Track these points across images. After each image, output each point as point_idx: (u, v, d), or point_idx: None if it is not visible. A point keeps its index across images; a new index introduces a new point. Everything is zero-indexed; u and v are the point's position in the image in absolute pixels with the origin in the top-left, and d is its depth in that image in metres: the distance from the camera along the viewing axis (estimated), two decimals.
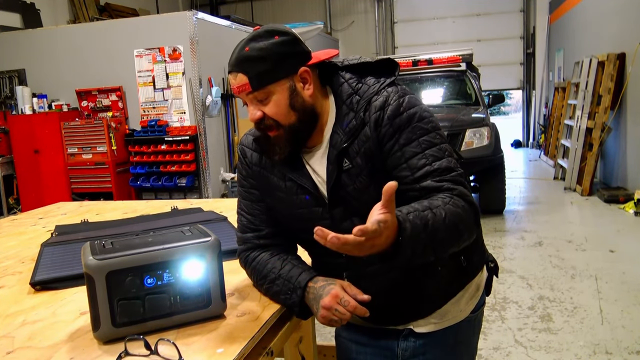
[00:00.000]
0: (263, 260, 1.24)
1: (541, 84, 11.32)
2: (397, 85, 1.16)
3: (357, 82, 1.17)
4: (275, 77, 1.09)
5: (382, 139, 1.12)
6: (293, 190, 1.19)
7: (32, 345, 1.04)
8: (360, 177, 1.13)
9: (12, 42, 6.40)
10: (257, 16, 12.65)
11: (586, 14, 8.13)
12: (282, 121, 1.12)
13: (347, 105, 1.15)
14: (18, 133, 5.98)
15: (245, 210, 1.29)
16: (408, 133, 1.11)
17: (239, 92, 1.12)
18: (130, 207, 2.40)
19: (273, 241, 1.27)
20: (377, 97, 1.13)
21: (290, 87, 1.11)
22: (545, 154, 9.76)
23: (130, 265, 1.00)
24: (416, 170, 1.09)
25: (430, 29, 12.04)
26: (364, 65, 1.20)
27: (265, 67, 1.08)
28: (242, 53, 1.10)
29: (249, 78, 1.09)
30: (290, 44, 1.11)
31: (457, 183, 1.09)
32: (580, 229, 5.22)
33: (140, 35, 5.97)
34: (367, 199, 1.09)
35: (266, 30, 1.11)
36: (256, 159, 1.26)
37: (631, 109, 6.26)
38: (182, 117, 5.97)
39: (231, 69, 1.12)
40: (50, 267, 1.45)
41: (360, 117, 1.13)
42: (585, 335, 2.96)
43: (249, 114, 1.14)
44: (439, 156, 1.10)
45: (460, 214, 1.05)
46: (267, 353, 1.09)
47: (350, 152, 1.13)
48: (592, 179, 6.61)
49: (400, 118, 1.11)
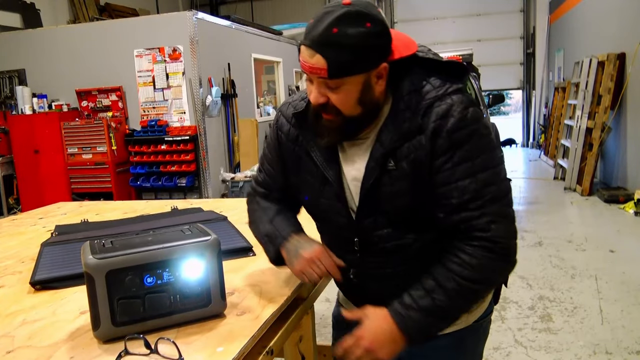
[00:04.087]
0: (264, 205, 1.29)
1: (541, 84, 11.32)
2: (463, 93, 1.06)
3: (422, 80, 1.07)
4: (355, 71, 1.00)
5: (436, 151, 1.03)
6: (320, 178, 1.16)
7: (32, 344, 1.03)
8: (401, 181, 1.06)
9: (12, 42, 6.40)
10: (257, 16, 12.65)
11: (586, 14, 8.13)
12: (345, 112, 1.05)
13: (405, 101, 1.06)
14: (18, 133, 5.99)
15: (265, 172, 1.31)
16: (464, 151, 1.02)
17: (310, 72, 1.01)
18: (130, 207, 2.40)
19: (280, 200, 1.30)
20: (439, 104, 1.03)
21: (365, 81, 1.02)
22: (545, 154, 9.76)
23: (130, 265, 1.00)
24: (462, 194, 1.03)
25: (430, 29, 12.03)
26: (431, 62, 1.09)
27: (349, 57, 0.97)
28: (329, 34, 0.96)
29: (327, 64, 0.97)
30: (379, 36, 1.00)
31: (498, 217, 1.03)
32: (580, 229, 5.22)
33: (140, 35, 5.97)
34: (399, 205, 1.08)
35: (358, 12, 0.97)
36: (293, 135, 1.19)
37: (631, 109, 6.26)
38: (182, 117, 5.97)
39: (310, 44, 0.98)
40: (50, 266, 1.45)
41: (417, 122, 1.04)
42: (585, 335, 2.96)
43: (312, 95, 1.05)
44: (490, 181, 1.03)
45: (476, 278, 1.04)
46: (267, 352, 1.09)
47: (398, 154, 1.05)
48: (592, 179, 6.61)
49: (460, 133, 1.02)
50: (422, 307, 1.04)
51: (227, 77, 6.58)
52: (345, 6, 0.97)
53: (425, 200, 1.07)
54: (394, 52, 1.03)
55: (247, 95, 7.16)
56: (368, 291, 1.19)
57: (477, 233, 1.03)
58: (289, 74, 8.98)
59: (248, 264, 1.45)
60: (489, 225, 1.03)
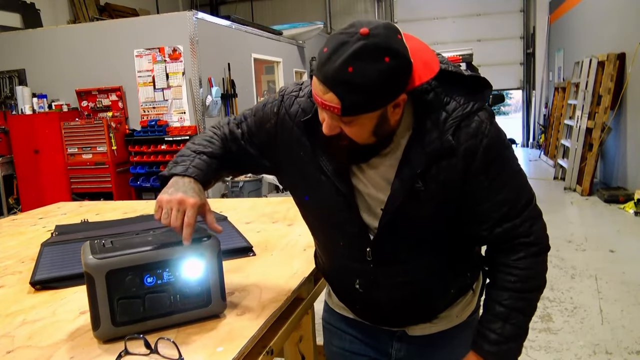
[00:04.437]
0: (213, 142, 1.19)
1: (541, 84, 11.32)
2: (485, 107, 1.04)
3: (445, 96, 1.02)
4: (371, 109, 0.92)
5: (471, 171, 1.01)
6: (328, 186, 1.08)
7: (32, 344, 1.03)
8: (428, 203, 1.03)
9: (12, 42, 6.40)
10: (257, 16, 12.65)
11: (586, 14, 8.13)
12: (359, 142, 0.99)
13: (432, 120, 1.00)
14: (18, 133, 5.99)
15: (243, 131, 1.19)
16: (498, 166, 1.02)
17: (323, 107, 0.94)
18: (130, 207, 2.40)
19: (227, 156, 1.20)
20: (468, 122, 1.00)
21: (381, 115, 0.94)
22: (545, 154, 9.76)
23: (130, 264, 1.00)
24: (501, 207, 1.04)
25: (430, 29, 12.03)
26: (451, 75, 1.03)
27: (365, 98, 0.90)
28: (343, 72, 0.88)
29: (342, 104, 0.90)
30: (399, 71, 0.90)
31: (535, 218, 1.07)
32: (580, 229, 5.22)
33: (140, 35, 5.97)
34: (423, 226, 1.07)
35: (377, 45, 0.87)
36: (296, 136, 1.10)
37: (631, 109, 6.26)
38: (182, 117, 5.97)
39: (323, 81, 0.91)
40: (50, 266, 1.45)
41: (448, 141, 0.99)
42: (585, 335, 2.96)
43: (325, 125, 0.98)
44: (521, 186, 1.06)
45: (539, 284, 1.10)
46: (267, 352, 1.09)
47: (427, 175, 1.01)
48: (592, 179, 6.61)
49: (493, 151, 1.01)
50: (509, 337, 1.07)
51: (227, 77, 6.58)
52: (363, 38, 0.87)
53: (449, 221, 1.07)
54: (415, 79, 0.95)
55: (247, 95, 7.15)
56: (376, 298, 1.17)
57: (521, 239, 1.06)
58: (289, 74, 8.98)
59: (248, 264, 1.45)
60: (530, 229, 1.06)
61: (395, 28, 0.92)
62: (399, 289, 1.14)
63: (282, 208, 2.16)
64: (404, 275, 1.13)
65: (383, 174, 1.05)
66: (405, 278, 1.13)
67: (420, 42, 1.01)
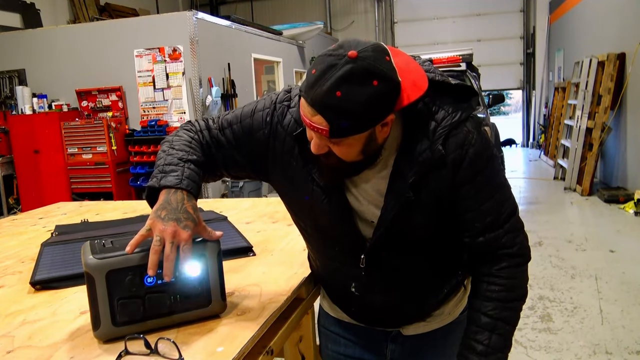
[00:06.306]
0: (193, 146, 1.11)
1: (541, 84, 11.32)
2: (473, 116, 1.05)
3: (433, 105, 1.02)
4: (359, 131, 0.92)
5: (458, 181, 1.02)
6: (320, 195, 1.09)
7: (32, 344, 1.03)
8: (419, 213, 1.04)
9: (12, 42, 6.41)
10: (257, 16, 12.65)
11: (586, 14, 8.14)
12: (347, 160, 0.99)
13: (422, 130, 1.01)
14: (18, 133, 5.99)
15: (227, 138, 1.13)
16: (484, 177, 1.04)
17: (311, 129, 0.94)
18: (130, 207, 2.40)
19: (209, 162, 1.14)
20: (456, 132, 1.01)
21: (369, 135, 0.95)
22: (545, 154, 9.76)
23: (130, 264, 1.00)
24: (485, 217, 1.05)
25: (430, 29, 12.05)
26: (439, 84, 1.03)
27: (353, 122, 0.90)
28: (331, 97, 0.87)
29: (330, 127, 0.90)
30: (388, 94, 0.90)
31: (517, 229, 1.09)
32: (580, 229, 5.22)
33: (140, 35, 5.97)
34: (417, 235, 1.08)
35: (365, 69, 0.87)
36: (288, 146, 1.09)
37: (631, 109, 6.26)
38: (182, 117, 5.97)
39: (311, 104, 0.90)
40: (50, 266, 1.45)
41: (438, 150, 1.00)
42: (585, 335, 2.96)
43: (313, 145, 0.98)
44: (505, 198, 1.07)
45: (522, 294, 1.11)
46: (267, 352, 1.09)
47: (418, 185, 1.02)
48: (592, 179, 6.61)
49: (480, 161, 1.02)
50: (496, 347, 1.08)
51: (227, 77, 6.58)
52: (351, 61, 0.87)
53: (441, 227, 1.09)
54: (403, 99, 0.94)
55: (247, 95, 7.16)
56: (370, 302, 1.19)
57: (505, 250, 1.07)
58: (288, 74, 8.98)
59: (248, 264, 1.45)
60: (514, 240, 1.07)
61: (384, 49, 0.91)
62: (394, 291, 1.16)
63: (282, 208, 2.15)
64: (398, 279, 1.15)
65: (375, 185, 1.06)
66: (400, 281, 1.15)
67: (409, 58, 1.00)
